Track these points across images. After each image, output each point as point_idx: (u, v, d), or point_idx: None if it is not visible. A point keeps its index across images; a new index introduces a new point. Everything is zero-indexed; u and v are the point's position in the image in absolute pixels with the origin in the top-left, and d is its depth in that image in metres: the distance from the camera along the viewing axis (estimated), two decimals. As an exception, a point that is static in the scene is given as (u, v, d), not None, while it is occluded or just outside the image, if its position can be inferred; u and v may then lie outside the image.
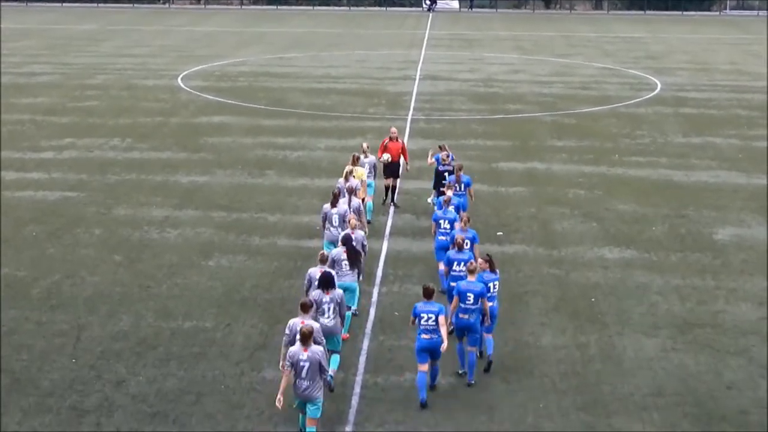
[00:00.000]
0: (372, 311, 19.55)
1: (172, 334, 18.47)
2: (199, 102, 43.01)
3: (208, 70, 52.95)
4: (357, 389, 16.35)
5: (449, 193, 21.90)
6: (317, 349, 14.22)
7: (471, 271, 16.87)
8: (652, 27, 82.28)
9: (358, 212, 21.11)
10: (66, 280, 21.20)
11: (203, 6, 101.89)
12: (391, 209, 26.50)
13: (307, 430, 14.44)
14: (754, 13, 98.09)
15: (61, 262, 22.36)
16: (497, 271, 17.58)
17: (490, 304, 17.01)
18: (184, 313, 19.42)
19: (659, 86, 48.48)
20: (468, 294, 16.61)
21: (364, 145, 25.83)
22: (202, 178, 29.79)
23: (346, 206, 20.98)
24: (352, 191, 21.74)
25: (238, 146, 34.08)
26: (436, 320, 15.92)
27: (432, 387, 16.34)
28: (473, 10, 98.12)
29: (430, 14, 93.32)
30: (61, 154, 32.73)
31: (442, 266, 19.66)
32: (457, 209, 21.31)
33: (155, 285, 20.96)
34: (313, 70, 53.10)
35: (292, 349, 14.30)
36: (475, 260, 17.80)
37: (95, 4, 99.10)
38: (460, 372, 16.99)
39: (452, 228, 20.48)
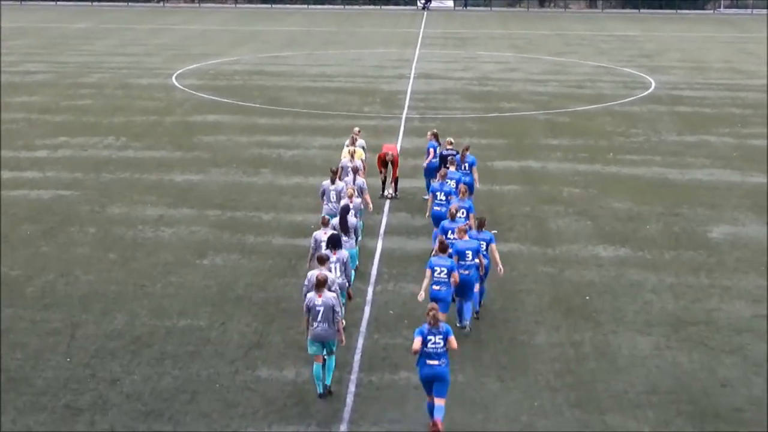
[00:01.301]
0: (367, 310, 19.55)
1: (167, 332, 18.46)
2: (194, 101, 42.97)
3: (202, 69, 52.91)
4: (352, 388, 16.35)
5: (452, 168, 23.42)
6: (330, 295, 15.79)
7: (463, 231, 18.56)
8: (647, 25, 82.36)
9: (361, 190, 22.67)
10: (60, 278, 21.18)
11: (198, 4, 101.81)
12: (387, 205, 26.49)
13: (327, 362, 15.96)
14: (748, 11, 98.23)
15: (56, 260, 22.33)
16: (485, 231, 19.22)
17: (485, 261, 18.79)
18: (178, 312, 19.40)
19: (653, 85, 48.53)
20: (466, 252, 18.28)
21: (356, 129, 26.49)
22: (196, 177, 29.77)
23: (343, 184, 22.29)
24: (356, 170, 23.42)
25: (233, 145, 34.06)
26: (448, 273, 17.51)
27: (461, 326, 18.35)
28: (468, 8, 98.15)
29: (425, 13, 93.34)
30: (56, 153, 32.69)
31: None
32: (458, 184, 22.08)
33: (150, 284, 20.94)
34: (307, 69, 53.08)
35: (308, 295, 16.00)
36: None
37: (90, 3, 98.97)
38: (458, 326, 18.26)
39: (448, 201, 21.18)
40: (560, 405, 15.88)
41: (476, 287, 18.67)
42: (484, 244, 18.92)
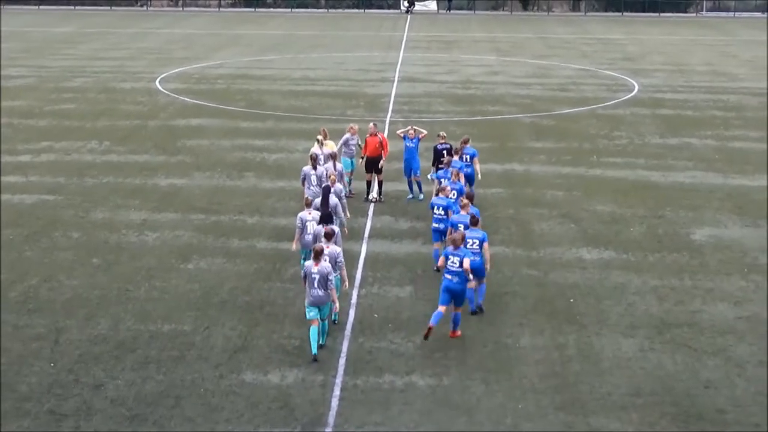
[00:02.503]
0: (351, 313, 19.55)
1: (151, 337, 18.42)
2: (177, 104, 42.90)
3: (186, 73, 52.83)
4: (336, 391, 16.35)
5: (455, 157, 25.03)
6: (326, 265, 17.50)
7: (462, 206, 20.52)
8: (629, 28, 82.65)
9: (340, 176, 23.93)
10: (44, 283, 21.10)
11: (181, 8, 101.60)
12: (371, 208, 26.53)
13: (323, 324, 17.78)
14: (731, 14, 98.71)
15: (39, 265, 22.26)
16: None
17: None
18: (162, 316, 19.36)
19: (636, 87, 48.71)
20: (458, 225, 20.05)
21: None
22: (180, 181, 29.72)
23: (323, 169, 23.64)
24: (334, 156, 24.51)
25: (217, 149, 34.02)
26: (480, 245, 19.15)
27: (474, 311, 19.43)
28: (451, 12, 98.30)
29: (408, 16, 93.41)
30: (39, 158, 32.58)
31: (436, 245, 21.76)
32: (459, 195, 22.57)
33: (134, 288, 20.90)
34: (291, 72, 53.07)
35: (306, 264, 17.84)
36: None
37: (72, 7, 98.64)
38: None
39: (447, 216, 21.62)
40: (545, 407, 15.92)
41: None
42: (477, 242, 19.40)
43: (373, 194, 27.44)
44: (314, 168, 23.65)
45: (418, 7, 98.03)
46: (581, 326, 19.09)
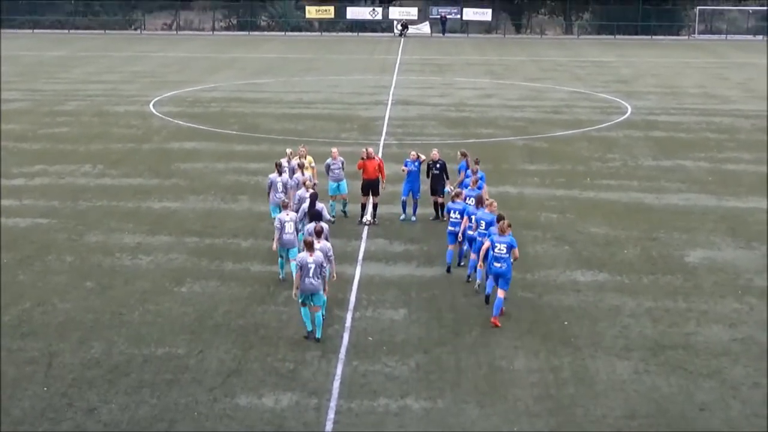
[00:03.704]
0: (345, 336, 19.53)
1: (145, 360, 18.37)
2: (171, 128, 42.95)
3: (180, 96, 52.91)
4: (331, 415, 16.31)
5: (469, 186, 25.12)
6: (319, 255, 18.95)
7: (488, 205, 22.14)
8: (622, 51, 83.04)
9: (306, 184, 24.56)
10: (37, 307, 21.05)
11: (175, 32, 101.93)
12: (365, 231, 26.54)
13: (315, 315, 19.09)
14: (723, 37, 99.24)
15: (32, 289, 22.21)
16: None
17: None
18: (156, 340, 19.32)
19: (629, 110, 48.88)
20: (481, 221, 21.78)
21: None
22: (174, 204, 29.72)
23: (286, 176, 25.14)
24: (301, 166, 25.68)
25: (211, 172, 34.04)
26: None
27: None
28: (445, 35, 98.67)
29: (402, 39, 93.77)
30: (32, 181, 32.56)
31: (450, 247, 23.40)
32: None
33: (127, 312, 20.85)
34: (285, 96, 53.18)
35: (300, 255, 19.24)
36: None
37: (66, 31, 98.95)
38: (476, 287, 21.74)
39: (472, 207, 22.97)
40: (540, 430, 15.89)
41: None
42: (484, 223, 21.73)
43: (368, 216, 27.46)
44: (279, 174, 25.09)
45: (411, 30, 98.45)
46: (576, 348, 19.08)
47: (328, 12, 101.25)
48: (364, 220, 27.38)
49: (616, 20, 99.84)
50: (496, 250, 20.16)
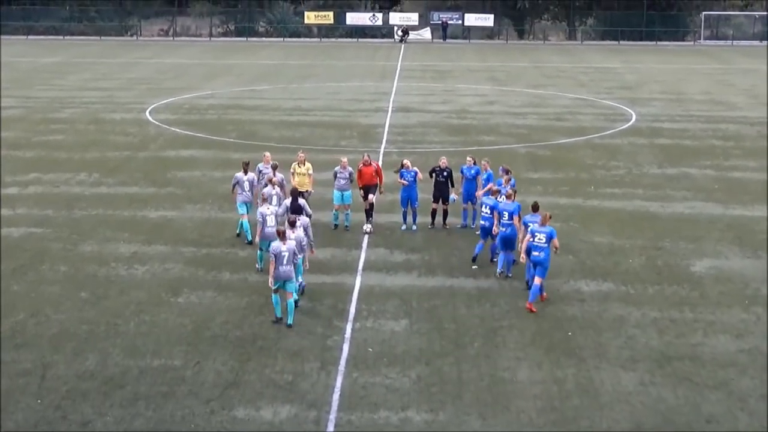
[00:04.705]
0: (345, 347, 19.49)
1: (140, 372, 18.34)
2: (168, 135, 42.96)
3: (176, 103, 52.94)
4: (330, 428, 16.28)
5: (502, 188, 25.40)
6: (292, 244, 20.45)
7: (507, 196, 23.71)
8: (626, 57, 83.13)
9: (281, 184, 25.79)
10: (30, 318, 21.02)
11: (171, 38, 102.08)
12: (365, 240, 26.51)
13: (288, 301, 20.38)
14: (728, 42, 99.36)
15: (26, 299, 22.18)
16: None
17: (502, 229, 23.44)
18: (152, 351, 19.29)
19: (634, 117, 48.90)
20: (504, 212, 23.40)
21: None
22: (171, 213, 29.70)
23: (254, 174, 26.54)
24: (275, 168, 26.72)
25: (208, 180, 34.03)
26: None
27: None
28: (446, 41, 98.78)
29: (402, 45, 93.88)
30: (26, 190, 32.55)
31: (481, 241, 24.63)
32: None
33: (123, 322, 20.82)
34: (283, 103, 53.21)
35: (273, 244, 20.51)
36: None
37: (61, 37, 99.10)
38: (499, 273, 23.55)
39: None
40: (543, 443, 15.86)
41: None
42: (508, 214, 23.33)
43: (368, 226, 27.43)
44: (245, 173, 26.32)
45: (412, 36, 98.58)
46: (580, 360, 19.05)
47: (328, 18, 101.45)
48: (365, 228, 27.36)
49: (620, 26, 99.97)
50: (536, 239, 21.55)
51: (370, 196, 27.52)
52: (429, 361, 18.84)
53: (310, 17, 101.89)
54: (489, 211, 24.21)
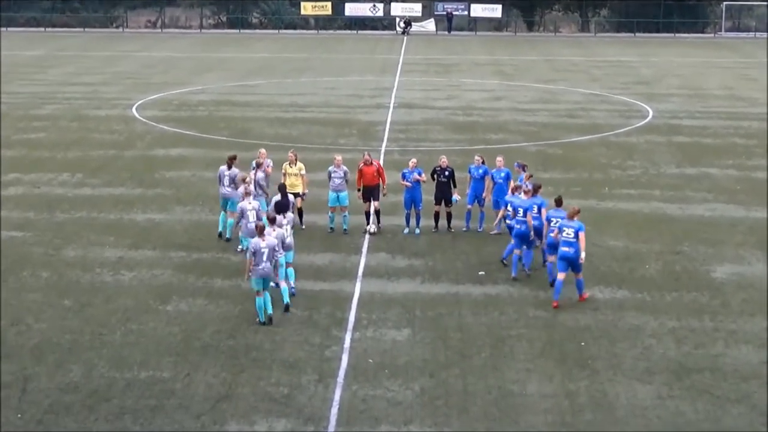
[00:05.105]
0: (344, 358, 19.52)
1: (127, 385, 18.36)
2: (156, 133, 43.02)
3: (165, 99, 53.01)
4: (328, 443, 16.33)
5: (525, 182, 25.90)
6: (272, 240, 21.12)
7: (525, 192, 24.34)
8: (642, 50, 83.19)
9: (260, 185, 26.57)
10: (10, 327, 21.05)
11: (160, 30, 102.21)
12: (365, 245, 26.54)
13: (282, 289, 21.53)
14: (751, 35, 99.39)
15: (5, 307, 22.20)
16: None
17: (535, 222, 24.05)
18: (139, 362, 19.31)
19: (651, 113, 48.95)
20: (518, 208, 24.06)
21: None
22: (159, 216, 29.75)
23: (237, 170, 26.73)
24: (259, 165, 27.05)
25: (198, 180, 34.07)
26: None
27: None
28: (451, 33, 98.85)
29: (405, 37, 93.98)
30: (6, 191, 32.59)
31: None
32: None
33: (108, 332, 20.85)
34: (278, 98, 53.27)
35: (253, 240, 21.16)
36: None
37: (42, 29, 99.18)
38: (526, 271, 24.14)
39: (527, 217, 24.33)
40: (555, 460, 15.88)
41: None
42: (536, 207, 24.13)
43: (372, 226, 27.49)
44: (228, 168, 26.90)
45: (415, 27, 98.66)
46: (593, 372, 19.07)
47: (325, 8, 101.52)
48: (369, 229, 27.41)
49: (636, 17, 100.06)
50: (564, 234, 22.17)
51: (375, 203, 27.51)
52: (433, 373, 18.87)
53: (307, 8, 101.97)
54: (522, 214, 24.44)
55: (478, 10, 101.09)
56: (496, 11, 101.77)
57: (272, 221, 21.96)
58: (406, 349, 20.00)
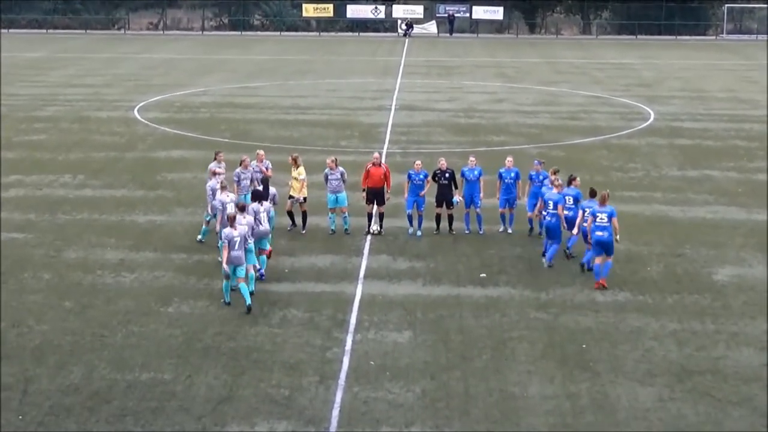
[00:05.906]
0: (345, 360, 19.52)
1: (128, 386, 18.37)
2: (157, 135, 43.03)
3: (166, 101, 53.03)
4: (329, 445, 16.33)
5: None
6: (243, 229, 22.16)
7: (557, 186, 25.31)
8: (644, 52, 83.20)
9: (243, 185, 27.29)
10: (12, 329, 21.05)
11: (161, 31, 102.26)
12: (367, 246, 26.54)
13: (240, 285, 21.94)
14: (753, 37, 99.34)
15: (7, 309, 22.21)
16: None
17: (567, 213, 25.03)
18: (140, 364, 19.32)
19: (652, 116, 48.95)
20: (549, 201, 25.04)
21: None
22: (160, 217, 29.76)
23: (223, 165, 28.02)
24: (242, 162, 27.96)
25: (200, 182, 33.99)
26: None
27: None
28: (452, 35, 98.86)
29: (406, 39, 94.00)
30: (7, 193, 32.60)
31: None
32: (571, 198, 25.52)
33: (109, 333, 20.86)
34: (280, 100, 53.28)
35: (225, 230, 22.18)
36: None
37: (44, 30, 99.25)
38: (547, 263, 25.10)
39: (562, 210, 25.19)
40: (556, 462, 15.88)
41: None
42: (571, 198, 25.15)
43: (375, 227, 27.50)
44: (218, 164, 27.78)
45: (416, 29, 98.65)
46: (594, 374, 19.07)
47: (327, 10, 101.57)
48: (372, 230, 27.42)
49: (638, 19, 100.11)
50: (597, 219, 23.37)
51: (379, 208, 27.50)
52: (434, 375, 18.87)
53: (309, 10, 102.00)
54: (553, 208, 25.22)
55: (479, 12, 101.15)
56: (497, 13, 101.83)
57: (242, 209, 22.90)
58: (407, 351, 20.00)
